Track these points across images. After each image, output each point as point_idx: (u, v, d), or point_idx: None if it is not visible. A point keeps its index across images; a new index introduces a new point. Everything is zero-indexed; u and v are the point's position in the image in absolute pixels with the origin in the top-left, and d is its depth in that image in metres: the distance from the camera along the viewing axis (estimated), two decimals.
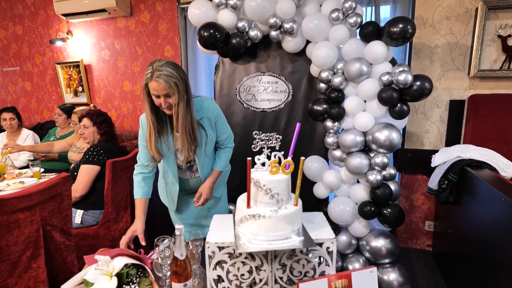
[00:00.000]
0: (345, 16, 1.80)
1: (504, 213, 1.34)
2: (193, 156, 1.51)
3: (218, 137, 1.59)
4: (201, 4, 1.94)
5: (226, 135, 1.61)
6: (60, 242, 1.56)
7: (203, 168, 1.58)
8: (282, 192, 1.11)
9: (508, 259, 1.29)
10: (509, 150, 2.02)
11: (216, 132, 1.57)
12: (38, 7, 3.16)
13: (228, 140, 1.64)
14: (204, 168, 1.59)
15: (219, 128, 1.57)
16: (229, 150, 1.66)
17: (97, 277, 1.09)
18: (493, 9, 2.02)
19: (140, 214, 1.47)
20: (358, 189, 1.95)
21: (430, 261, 2.34)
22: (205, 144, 1.51)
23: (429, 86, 1.69)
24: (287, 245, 1.07)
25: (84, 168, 1.91)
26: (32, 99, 3.49)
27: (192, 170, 1.61)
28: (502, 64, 2.09)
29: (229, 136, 1.64)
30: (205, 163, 1.58)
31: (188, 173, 1.61)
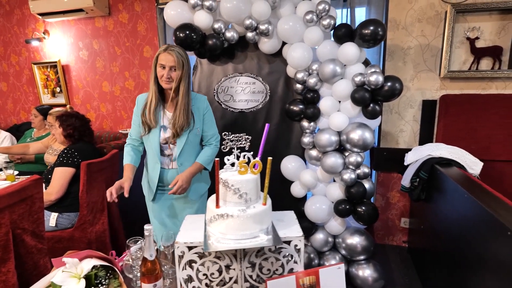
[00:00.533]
0: (319, 18, 1.84)
1: (467, 209, 1.40)
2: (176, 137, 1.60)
3: (205, 132, 1.71)
4: (177, 5, 1.94)
5: (212, 132, 1.73)
6: (31, 245, 1.54)
7: (182, 155, 1.63)
8: (250, 191, 1.13)
9: (471, 254, 1.35)
10: (478, 148, 2.11)
11: (203, 126, 1.69)
12: (14, 6, 3.09)
13: (213, 138, 1.73)
14: (182, 156, 1.64)
15: (206, 122, 1.70)
16: (214, 148, 1.74)
17: (65, 279, 1.09)
18: (461, 12, 2.10)
19: (128, 174, 1.59)
20: (334, 188, 1.99)
21: (406, 257, 2.41)
22: (190, 131, 1.62)
23: (399, 86, 1.74)
24: (254, 244, 1.08)
25: (58, 171, 1.88)
26: (8, 100, 3.40)
27: (171, 158, 1.66)
28: (470, 65, 2.17)
29: (215, 134, 1.75)
30: (185, 151, 1.64)
31: (166, 161, 1.66)
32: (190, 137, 1.64)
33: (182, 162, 1.65)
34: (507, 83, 2.14)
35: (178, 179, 1.59)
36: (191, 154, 1.68)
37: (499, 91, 2.16)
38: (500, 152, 2.09)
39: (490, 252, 1.18)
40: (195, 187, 1.72)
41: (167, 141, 1.63)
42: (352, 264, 2.03)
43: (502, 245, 1.09)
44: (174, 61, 1.50)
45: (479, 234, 1.28)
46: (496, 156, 2.10)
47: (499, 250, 1.11)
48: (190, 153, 1.67)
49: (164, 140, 1.63)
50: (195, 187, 1.72)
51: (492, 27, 2.11)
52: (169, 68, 1.51)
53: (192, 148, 1.68)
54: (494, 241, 1.15)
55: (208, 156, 1.70)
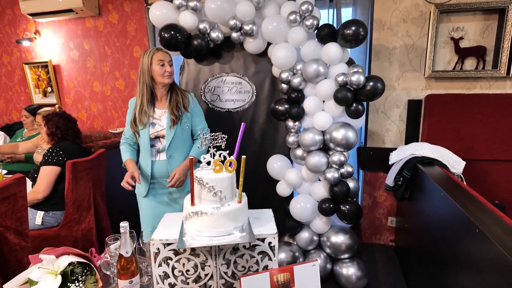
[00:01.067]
0: (302, 18, 1.86)
1: (444, 208, 1.41)
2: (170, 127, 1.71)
3: (194, 126, 1.82)
4: (162, 6, 1.96)
5: (202, 126, 1.84)
6: (14, 243, 1.55)
7: (170, 148, 1.73)
8: (225, 189, 1.15)
9: (448, 252, 1.37)
10: (462, 147, 2.13)
11: (192, 122, 1.80)
12: (5, 6, 3.10)
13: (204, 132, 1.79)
14: (171, 149, 1.73)
15: (195, 117, 1.81)
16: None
17: (42, 275, 1.10)
18: (445, 13, 2.12)
19: (133, 166, 1.72)
20: (318, 186, 2.01)
21: (392, 255, 2.43)
22: (179, 125, 1.72)
23: (381, 86, 1.76)
24: (228, 241, 1.10)
25: (44, 170, 1.89)
26: (0, 100, 3.41)
27: (158, 150, 1.75)
28: (455, 65, 2.19)
29: (205, 128, 1.86)
30: (173, 144, 1.73)
31: (153, 152, 1.75)
32: (178, 131, 1.73)
33: (171, 155, 1.75)
34: (491, 83, 2.16)
35: (175, 172, 1.69)
36: (181, 148, 1.77)
37: (483, 91, 2.18)
38: (483, 152, 2.11)
39: (463, 249, 1.20)
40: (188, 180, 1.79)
41: (156, 135, 1.74)
42: (337, 262, 2.05)
43: (472, 242, 1.11)
44: (170, 56, 1.72)
45: (454, 233, 1.30)
46: (480, 155, 2.11)
47: (469, 247, 1.13)
48: (179, 146, 1.77)
49: (154, 135, 1.74)
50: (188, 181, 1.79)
51: (476, 27, 2.13)
52: (168, 63, 1.69)
53: (181, 141, 1.77)
54: (465, 238, 1.17)
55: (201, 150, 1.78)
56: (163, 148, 1.74)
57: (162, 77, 1.68)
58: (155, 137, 1.74)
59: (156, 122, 1.74)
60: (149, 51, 1.69)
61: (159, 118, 1.74)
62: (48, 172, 1.89)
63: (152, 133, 1.73)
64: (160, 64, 1.67)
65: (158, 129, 1.74)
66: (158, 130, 1.73)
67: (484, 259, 1.02)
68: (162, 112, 1.75)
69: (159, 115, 1.74)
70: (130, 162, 1.75)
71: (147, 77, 1.68)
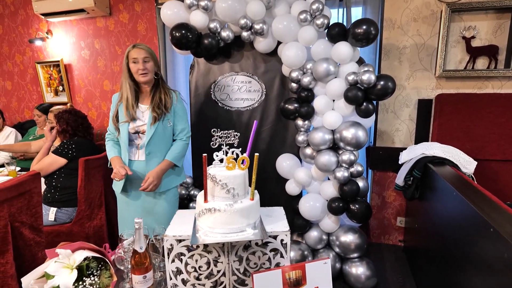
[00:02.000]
0: (313, 17, 1.86)
1: (456, 208, 1.40)
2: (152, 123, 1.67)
3: (175, 125, 1.77)
4: (173, 5, 1.98)
5: (182, 126, 1.78)
6: (29, 238, 1.59)
7: (150, 144, 1.68)
8: (238, 187, 1.16)
9: (460, 252, 1.36)
10: (472, 147, 2.11)
11: (174, 120, 1.75)
12: (18, 6, 3.16)
13: (183, 133, 1.79)
14: (150, 145, 1.69)
15: (177, 116, 1.76)
16: (183, 143, 1.79)
17: (58, 269, 1.13)
18: (457, 12, 2.10)
19: (120, 162, 1.70)
20: (328, 185, 2.01)
21: (401, 255, 2.41)
22: (161, 122, 1.69)
23: (392, 85, 1.75)
24: (240, 237, 1.11)
25: (51, 156, 1.94)
26: (13, 98, 3.47)
27: (137, 147, 1.72)
28: (466, 64, 2.17)
29: (186, 129, 1.80)
30: (153, 141, 1.69)
31: (133, 150, 1.72)
32: (160, 128, 1.70)
33: (150, 151, 1.71)
34: (503, 82, 2.14)
35: (149, 176, 1.66)
36: (160, 145, 1.73)
37: (495, 91, 2.16)
38: (495, 152, 2.09)
39: (476, 249, 1.19)
40: (166, 181, 1.76)
41: (136, 130, 1.71)
42: (346, 261, 2.05)
43: (486, 242, 1.10)
44: (145, 53, 1.65)
45: (467, 233, 1.29)
46: (491, 156, 2.09)
47: (483, 247, 1.12)
48: (158, 143, 1.72)
49: (134, 129, 1.70)
50: (166, 181, 1.76)
51: (488, 26, 2.11)
52: (142, 60, 1.63)
53: (161, 139, 1.72)
54: (479, 239, 1.16)
55: (177, 153, 1.75)
56: (143, 144, 1.70)
57: (137, 74, 1.65)
58: (135, 132, 1.70)
59: (138, 117, 1.70)
60: (128, 49, 1.67)
61: (142, 113, 1.71)
62: (53, 160, 1.93)
63: (132, 128, 1.69)
64: (134, 61, 1.63)
65: (139, 124, 1.69)
66: (138, 125, 1.69)
67: (499, 259, 1.01)
68: (145, 107, 1.72)
69: (142, 110, 1.72)
70: (117, 159, 1.71)
71: (127, 73, 1.67)
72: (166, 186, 1.77)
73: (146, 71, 1.65)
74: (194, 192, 2.35)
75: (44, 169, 1.94)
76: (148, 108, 1.70)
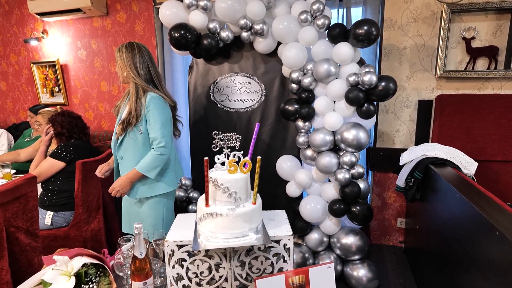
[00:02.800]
0: (313, 18, 1.84)
1: (459, 209, 1.39)
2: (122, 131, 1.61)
3: (148, 133, 1.60)
4: (172, 5, 1.95)
5: (153, 135, 1.58)
6: (25, 243, 1.55)
7: (121, 148, 1.66)
8: (240, 190, 1.14)
9: (462, 254, 1.35)
10: (473, 148, 2.10)
11: (145, 127, 1.60)
12: (13, 5, 3.11)
13: (155, 142, 1.58)
14: (121, 149, 1.66)
15: (149, 123, 1.58)
16: (154, 154, 1.58)
17: (55, 277, 1.10)
18: (457, 12, 2.09)
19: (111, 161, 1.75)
20: (329, 187, 1.99)
21: (402, 257, 2.41)
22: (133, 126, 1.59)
23: (393, 86, 1.74)
24: (243, 243, 1.09)
25: (49, 160, 1.90)
26: (8, 99, 3.42)
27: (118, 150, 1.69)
28: (466, 65, 2.16)
29: (157, 138, 1.57)
30: (124, 145, 1.64)
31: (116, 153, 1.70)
32: (132, 134, 1.61)
33: (122, 156, 1.66)
34: (503, 83, 2.14)
35: (115, 183, 1.63)
36: (131, 150, 1.63)
37: (495, 91, 2.16)
38: (495, 152, 2.09)
39: (480, 251, 1.18)
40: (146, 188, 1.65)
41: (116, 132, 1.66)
42: (347, 264, 2.03)
43: (491, 245, 1.09)
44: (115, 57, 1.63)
45: (470, 234, 1.28)
46: (492, 156, 2.09)
47: (488, 250, 1.11)
48: (129, 148, 1.63)
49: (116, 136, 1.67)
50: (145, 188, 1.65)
51: (488, 27, 2.10)
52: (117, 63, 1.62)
53: (131, 145, 1.62)
54: (483, 241, 1.15)
55: (146, 163, 1.58)
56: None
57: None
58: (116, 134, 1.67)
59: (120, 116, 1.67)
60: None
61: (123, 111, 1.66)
62: (51, 164, 1.90)
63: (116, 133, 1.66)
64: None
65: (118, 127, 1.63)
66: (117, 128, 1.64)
67: (504, 261, 1.00)
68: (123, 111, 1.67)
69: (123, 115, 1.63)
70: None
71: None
72: (146, 193, 1.66)
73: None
74: (193, 195, 2.32)
75: (43, 174, 1.91)
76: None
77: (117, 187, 1.62)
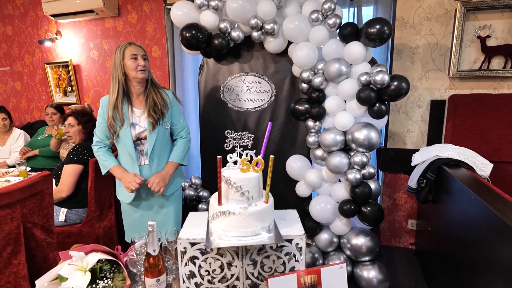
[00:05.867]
0: (325, 17, 1.83)
1: (474, 211, 1.37)
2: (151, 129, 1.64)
3: (174, 125, 1.77)
4: (184, 5, 1.96)
5: (181, 124, 1.79)
6: (41, 239, 1.59)
7: (153, 152, 1.67)
8: (252, 189, 1.14)
9: (478, 257, 1.32)
10: (487, 149, 2.06)
11: (172, 119, 1.74)
12: (28, 7, 3.18)
13: (184, 131, 1.80)
14: (154, 152, 1.67)
15: (174, 115, 1.75)
16: (186, 142, 1.80)
17: (71, 272, 1.12)
18: (472, 10, 2.06)
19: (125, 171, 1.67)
20: (339, 187, 1.98)
21: (413, 259, 2.38)
22: (160, 124, 1.66)
23: (405, 86, 1.72)
24: (255, 241, 1.09)
25: (68, 169, 1.93)
26: (22, 99, 3.50)
27: (142, 153, 1.69)
28: (481, 64, 2.12)
29: (185, 126, 1.81)
30: (156, 147, 1.67)
31: (139, 157, 1.69)
32: (160, 132, 1.66)
33: (153, 158, 1.68)
34: None
35: (155, 178, 1.64)
36: (162, 150, 1.71)
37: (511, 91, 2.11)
38: (511, 153, 2.04)
39: (497, 255, 1.16)
40: (173, 182, 1.77)
41: (138, 137, 1.66)
42: (357, 265, 2.02)
43: (509, 248, 1.06)
44: (143, 50, 1.63)
45: (486, 236, 1.26)
46: (507, 158, 2.05)
47: (506, 253, 1.09)
48: (161, 149, 1.70)
49: (136, 137, 1.65)
50: (173, 183, 1.77)
51: (504, 25, 2.06)
52: (141, 57, 1.60)
53: (162, 144, 1.70)
54: (501, 244, 1.13)
55: (181, 151, 1.76)
56: (147, 151, 1.67)
57: (135, 71, 1.57)
58: (137, 140, 1.66)
59: (136, 123, 1.64)
60: (120, 47, 1.59)
61: (138, 118, 1.65)
62: (72, 171, 1.92)
63: (134, 136, 1.64)
64: (133, 57, 1.57)
65: (139, 130, 1.65)
66: (139, 132, 1.65)
67: None
68: (140, 112, 1.65)
69: (138, 115, 1.65)
70: (119, 168, 1.65)
71: (119, 72, 1.58)
72: (173, 188, 1.78)
73: (145, 68, 1.60)
74: (202, 193, 2.33)
75: (68, 184, 1.91)
76: (143, 112, 1.65)
77: (161, 181, 1.64)
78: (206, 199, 2.33)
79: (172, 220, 1.80)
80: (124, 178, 1.62)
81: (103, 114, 1.66)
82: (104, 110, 1.65)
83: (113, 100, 1.60)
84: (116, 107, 1.60)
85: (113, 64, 1.60)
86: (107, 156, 1.69)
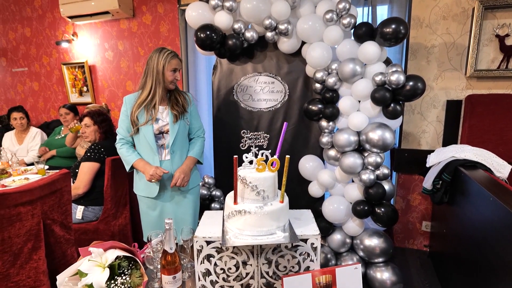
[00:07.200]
0: (339, 17, 1.82)
1: (492, 213, 1.34)
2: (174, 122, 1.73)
3: (192, 124, 1.85)
4: (198, 6, 1.99)
5: (198, 124, 1.89)
6: (60, 235, 1.63)
7: (174, 143, 1.74)
8: (268, 189, 1.15)
9: (496, 260, 1.30)
10: (506, 150, 2.01)
11: (191, 119, 1.83)
12: (46, 9, 3.27)
13: (200, 130, 1.90)
14: (175, 144, 1.74)
15: (193, 115, 1.85)
16: (202, 141, 1.90)
17: (91, 268, 1.15)
18: (490, 9, 2.01)
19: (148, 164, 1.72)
20: (352, 188, 1.97)
21: (427, 261, 2.34)
22: (181, 119, 1.76)
23: (421, 86, 1.70)
24: (271, 240, 1.10)
25: (85, 166, 1.97)
26: (40, 98, 3.60)
27: (164, 147, 1.75)
28: (499, 64, 2.08)
29: (201, 126, 1.91)
30: (177, 139, 1.75)
31: (160, 151, 1.75)
32: (182, 126, 1.76)
33: (174, 150, 1.76)
34: None
35: (180, 173, 1.72)
36: (182, 143, 1.80)
37: None
38: None
39: None
40: (192, 177, 1.84)
41: (160, 130, 1.73)
42: (370, 266, 2.00)
43: None
44: (181, 64, 1.77)
45: (505, 239, 1.23)
46: None
47: None
48: (181, 142, 1.79)
49: (158, 130, 1.72)
50: (192, 178, 1.84)
51: None
52: (178, 71, 1.73)
53: (182, 138, 1.80)
54: None
55: (199, 149, 1.86)
56: (168, 144, 1.74)
57: (171, 83, 1.70)
58: (159, 133, 1.73)
59: (159, 118, 1.72)
60: (166, 54, 1.66)
61: (161, 114, 1.73)
62: (88, 168, 1.97)
63: (156, 129, 1.71)
64: (173, 70, 1.69)
65: (162, 124, 1.72)
66: (161, 125, 1.72)
67: None
68: (163, 108, 1.74)
69: (160, 111, 1.73)
70: (142, 162, 1.71)
71: (161, 77, 1.66)
72: (193, 183, 1.85)
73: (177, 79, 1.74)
74: (215, 193, 2.35)
75: (85, 180, 1.96)
76: (166, 108, 1.74)
77: (185, 175, 1.73)
78: (219, 198, 2.35)
79: (190, 213, 1.85)
80: (147, 170, 1.68)
81: (126, 111, 1.73)
82: (127, 107, 1.72)
83: (144, 97, 1.68)
84: (146, 106, 1.69)
85: (153, 66, 1.66)
86: (129, 151, 1.75)
